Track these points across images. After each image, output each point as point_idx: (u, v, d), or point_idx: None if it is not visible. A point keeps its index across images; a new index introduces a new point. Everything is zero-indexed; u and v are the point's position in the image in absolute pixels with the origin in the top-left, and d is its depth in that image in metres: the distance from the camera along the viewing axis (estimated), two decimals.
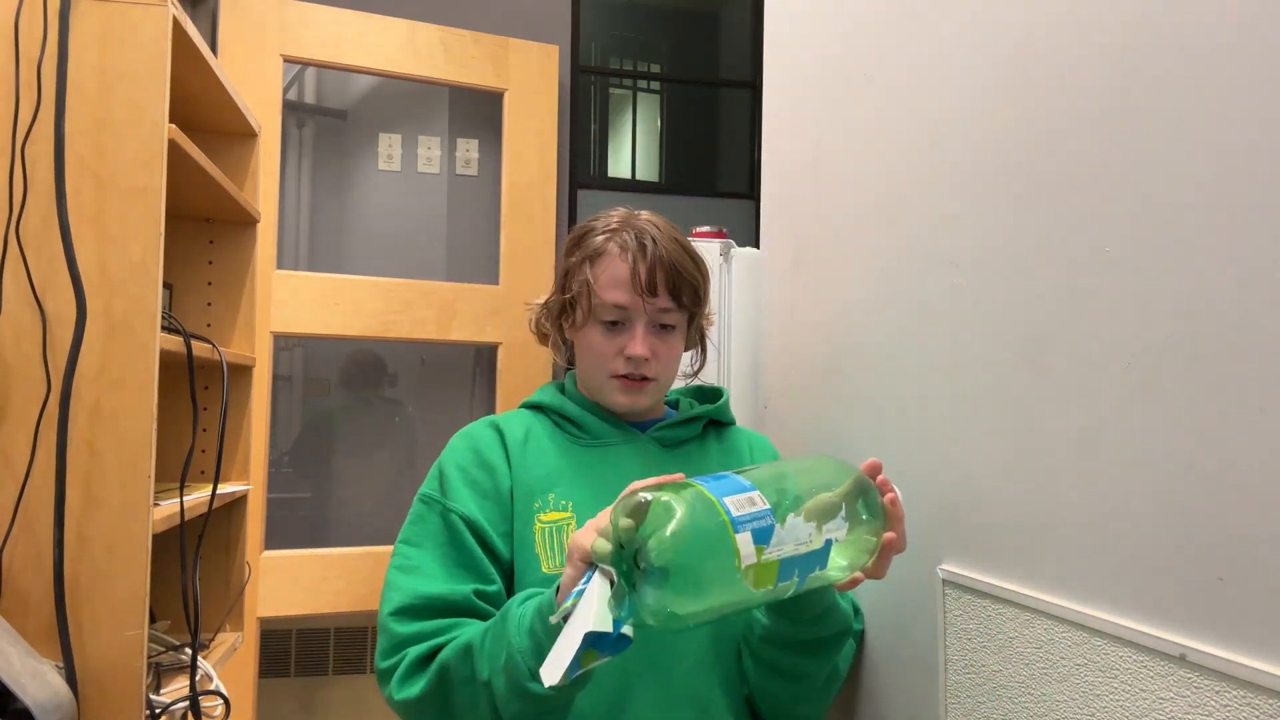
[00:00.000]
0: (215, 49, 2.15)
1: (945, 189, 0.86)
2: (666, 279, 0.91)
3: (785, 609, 0.84)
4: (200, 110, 1.50)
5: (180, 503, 1.23)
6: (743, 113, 3.13)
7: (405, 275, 2.36)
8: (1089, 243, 0.67)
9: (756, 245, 1.39)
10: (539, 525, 0.89)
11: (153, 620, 1.39)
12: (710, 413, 1.01)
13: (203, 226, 1.62)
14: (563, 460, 0.94)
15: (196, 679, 1.23)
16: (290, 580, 2.17)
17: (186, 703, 1.21)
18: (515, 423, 0.97)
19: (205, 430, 1.54)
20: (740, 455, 1.02)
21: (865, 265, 1.01)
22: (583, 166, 2.77)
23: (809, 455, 0.89)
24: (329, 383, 2.59)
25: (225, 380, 1.42)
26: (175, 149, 1.15)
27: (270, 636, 2.37)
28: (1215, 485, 0.56)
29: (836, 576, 0.75)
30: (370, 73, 2.37)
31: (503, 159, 2.45)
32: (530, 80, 2.47)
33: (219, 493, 1.38)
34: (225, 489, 1.47)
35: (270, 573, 2.14)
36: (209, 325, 1.61)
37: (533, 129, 2.47)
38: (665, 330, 0.94)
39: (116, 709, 1.05)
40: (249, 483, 1.62)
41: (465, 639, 0.80)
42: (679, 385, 1.07)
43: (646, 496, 0.65)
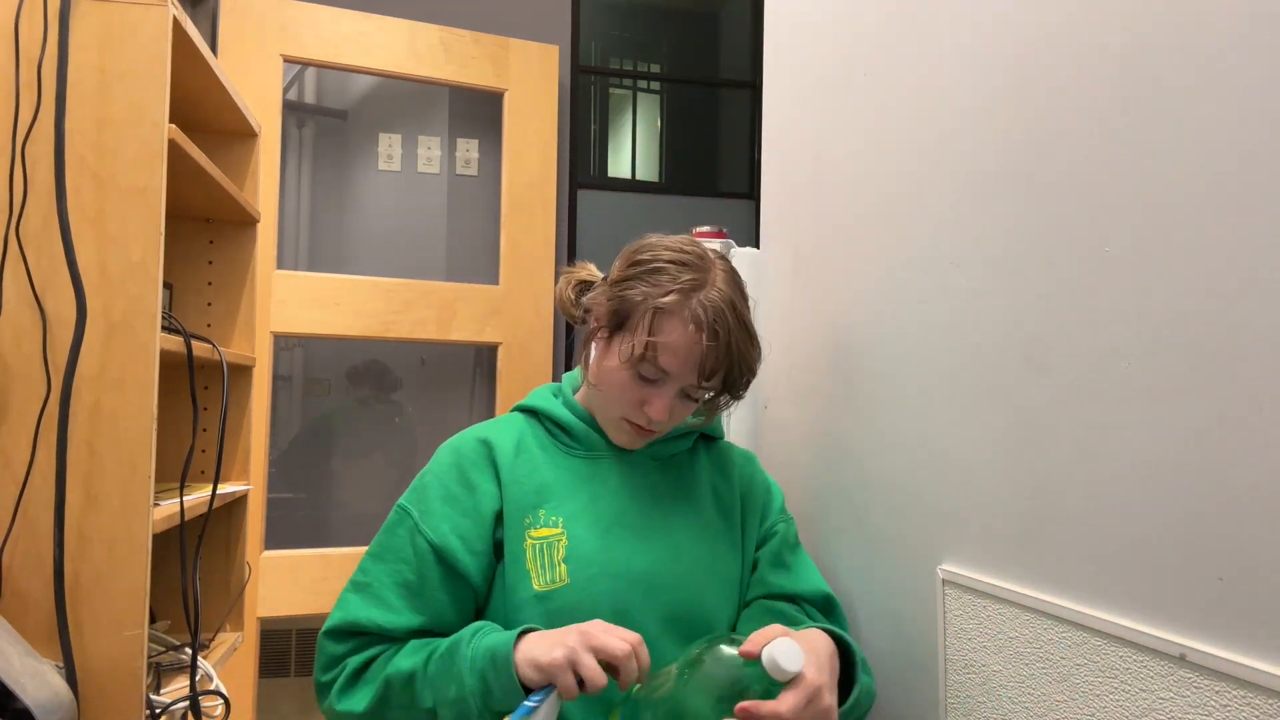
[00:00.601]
0: (215, 49, 2.15)
1: (945, 189, 0.86)
2: (721, 368, 0.87)
3: None
4: (200, 110, 1.50)
5: (180, 503, 1.23)
6: (743, 113, 3.13)
7: (405, 275, 2.36)
8: (1089, 243, 0.67)
9: (756, 245, 1.39)
10: (530, 541, 0.87)
11: (153, 620, 1.39)
12: (699, 428, 1.00)
13: (203, 226, 1.62)
14: (554, 473, 0.92)
15: (196, 679, 1.23)
16: (290, 580, 2.17)
17: (186, 703, 1.21)
18: (506, 433, 0.95)
19: (205, 430, 1.54)
20: (728, 470, 1.01)
21: (865, 265, 1.01)
22: (583, 166, 2.77)
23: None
24: (328, 382, 2.59)
25: (225, 380, 1.42)
26: (175, 149, 1.15)
27: (270, 636, 2.37)
28: (1215, 485, 0.56)
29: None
30: (370, 73, 2.37)
31: (503, 159, 2.45)
32: (530, 80, 2.47)
33: (219, 493, 1.38)
34: (225, 489, 1.47)
35: (270, 573, 2.15)
36: (209, 325, 1.61)
37: (533, 129, 2.47)
38: (690, 399, 0.91)
39: (116, 709, 1.05)
40: (249, 483, 1.62)
41: (409, 666, 0.81)
42: None
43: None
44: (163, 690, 1.24)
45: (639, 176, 3.34)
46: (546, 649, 0.74)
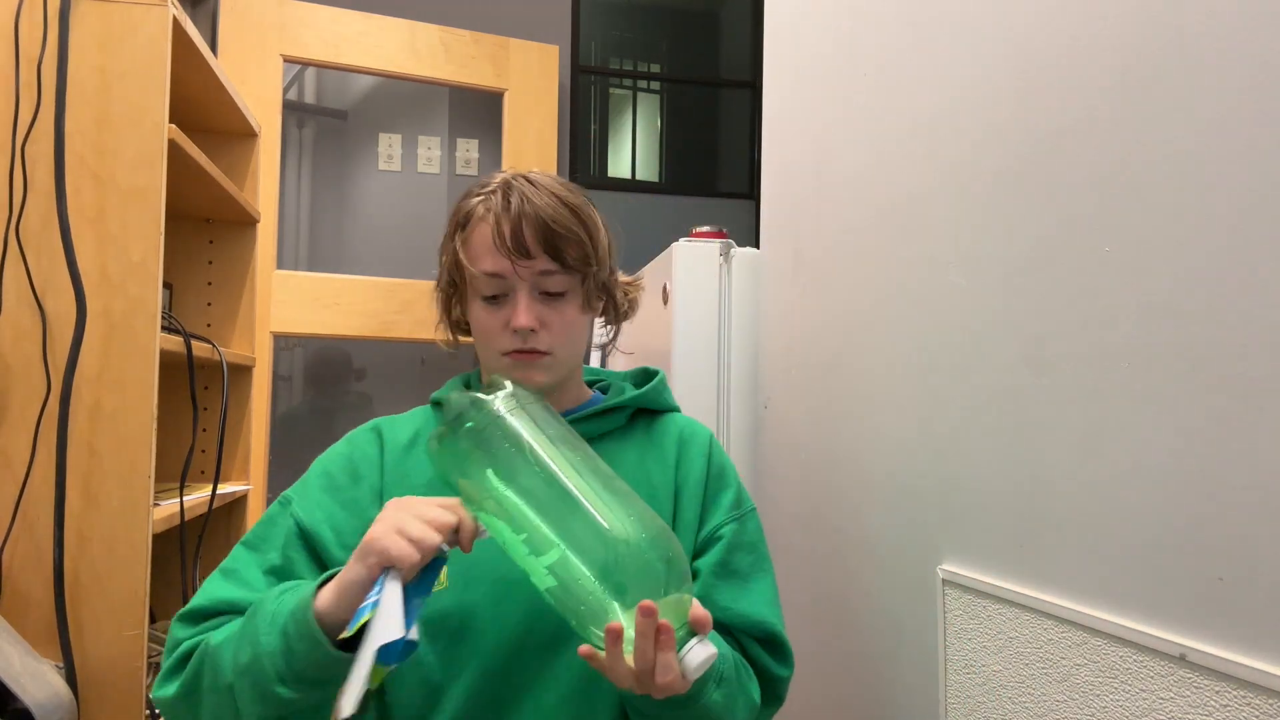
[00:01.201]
0: (215, 49, 2.15)
1: (945, 189, 0.86)
2: (539, 236, 0.77)
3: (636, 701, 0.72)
4: (200, 110, 1.50)
5: (180, 503, 1.23)
6: (743, 113, 3.13)
7: (405, 275, 2.36)
8: (1089, 243, 0.67)
9: (756, 245, 1.39)
10: None
11: (153, 620, 1.39)
12: (634, 401, 0.86)
13: (203, 226, 1.62)
14: None
15: None
16: None
17: None
18: (404, 425, 0.86)
19: (205, 430, 1.54)
20: (665, 453, 0.85)
21: (865, 265, 1.01)
22: (583, 166, 2.77)
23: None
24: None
25: (225, 380, 1.42)
26: (175, 149, 1.15)
27: None
28: (1215, 485, 0.56)
29: (592, 637, 0.62)
30: (370, 73, 2.37)
31: (503, 159, 2.45)
32: (530, 80, 2.47)
33: (219, 493, 1.38)
34: (225, 489, 1.47)
35: None
36: (209, 325, 1.61)
37: (533, 129, 2.47)
38: (554, 297, 0.80)
39: (116, 709, 1.05)
40: (249, 483, 1.62)
41: (220, 637, 0.70)
42: (629, 367, 0.96)
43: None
44: None
45: (639, 176, 3.34)
46: (360, 549, 0.64)
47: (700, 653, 0.62)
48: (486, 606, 0.76)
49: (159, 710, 0.76)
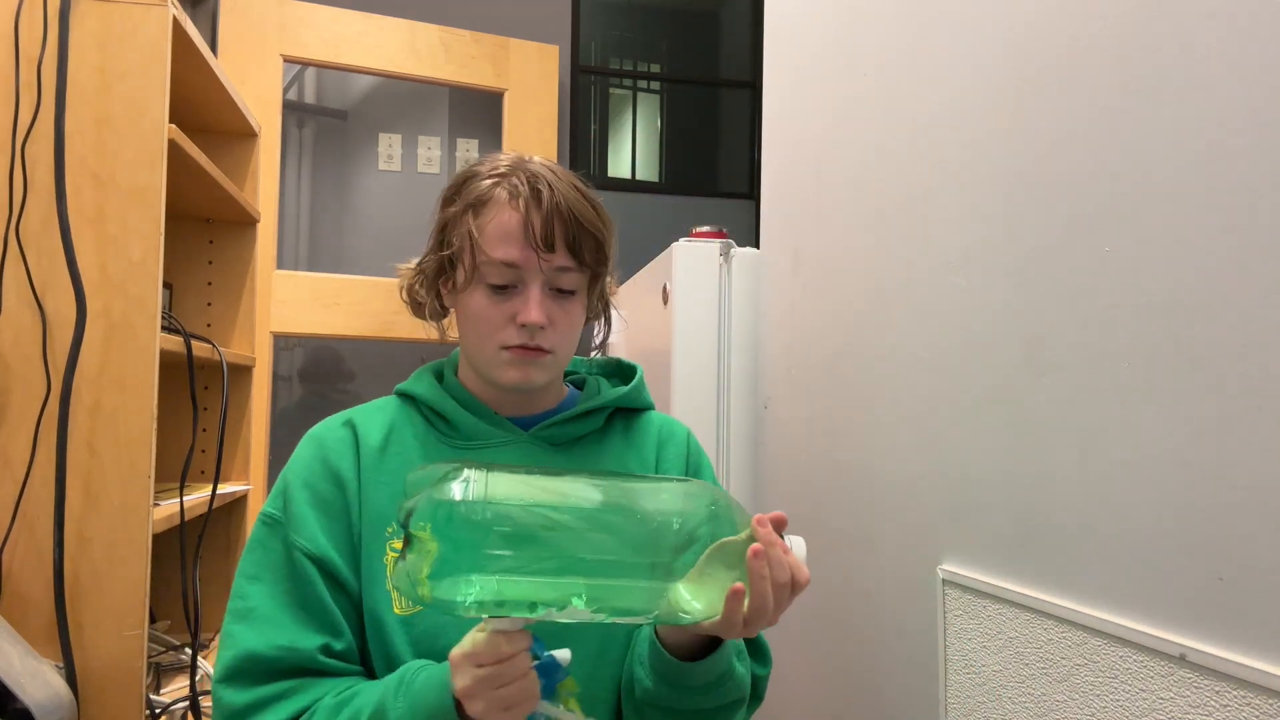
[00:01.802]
0: (215, 49, 2.15)
1: (945, 189, 0.86)
2: (566, 232, 0.75)
3: (669, 674, 0.72)
4: (200, 110, 1.50)
5: (180, 503, 1.23)
6: (743, 113, 3.13)
7: None
8: (1089, 243, 0.67)
9: (756, 245, 1.39)
10: (392, 555, 0.74)
11: (153, 620, 1.39)
12: (615, 402, 0.85)
13: (203, 226, 1.62)
14: None
15: (197, 679, 1.23)
16: None
17: (186, 703, 1.21)
18: (376, 422, 0.81)
19: (205, 430, 1.54)
20: (645, 453, 0.85)
21: (865, 265, 1.01)
22: (583, 166, 2.77)
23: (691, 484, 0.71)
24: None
25: (225, 380, 1.42)
26: (175, 149, 1.15)
27: None
28: (1215, 485, 0.56)
29: (683, 618, 0.64)
30: (370, 73, 2.37)
31: None
32: (530, 80, 2.48)
33: (219, 493, 1.38)
34: (225, 489, 1.47)
35: None
36: (209, 325, 1.61)
37: (533, 129, 2.47)
38: (564, 295, 0.78)
39: (116, 709, 1.05)
40: (249, 483, 1.62)
41: (347, 714, 0.67)
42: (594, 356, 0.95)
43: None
44: (162, 690, 1.24)
45: (639, 176, 3.34)
46: None
47: (794, 540, 0.67)
48: None
49: None
